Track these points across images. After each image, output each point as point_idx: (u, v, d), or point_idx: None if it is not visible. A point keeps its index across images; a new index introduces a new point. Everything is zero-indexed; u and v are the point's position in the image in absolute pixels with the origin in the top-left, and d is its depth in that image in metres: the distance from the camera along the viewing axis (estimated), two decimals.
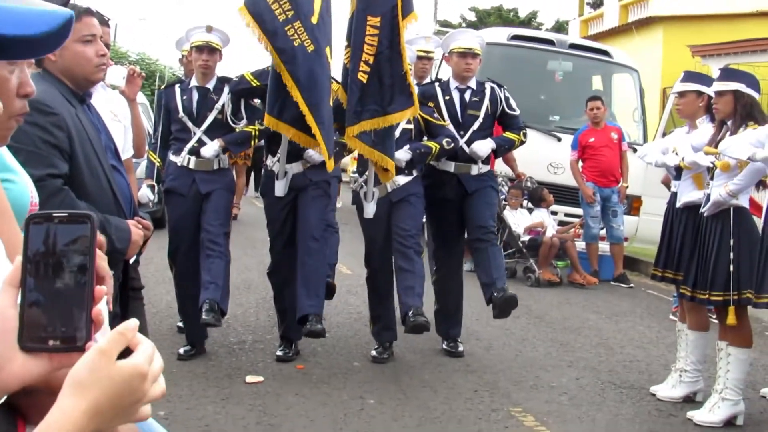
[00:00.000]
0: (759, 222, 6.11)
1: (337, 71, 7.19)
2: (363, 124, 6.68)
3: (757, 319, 6.73)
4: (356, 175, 7.47)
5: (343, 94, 6.92)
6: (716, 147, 6.20)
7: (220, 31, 6.93)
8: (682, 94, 7.01)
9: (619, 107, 14.72)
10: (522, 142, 7.76)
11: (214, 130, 6.86)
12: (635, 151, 11.66)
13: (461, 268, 8.08)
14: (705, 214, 6.30)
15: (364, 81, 6.66)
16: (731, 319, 6.11)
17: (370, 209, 7.07)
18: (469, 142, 7.39)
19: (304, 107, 6.35)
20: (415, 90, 6.95)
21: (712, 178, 6.34)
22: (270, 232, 7.28)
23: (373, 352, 7.25)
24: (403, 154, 7.06)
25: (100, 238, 1.48)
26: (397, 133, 7.08)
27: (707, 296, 6.25)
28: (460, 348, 7.63)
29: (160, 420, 2.51)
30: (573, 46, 14.34)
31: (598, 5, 33.57)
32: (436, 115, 7.40)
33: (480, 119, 7.44)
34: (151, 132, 14.75)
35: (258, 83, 6.87)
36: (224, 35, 6.99)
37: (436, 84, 7.72)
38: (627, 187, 12.39)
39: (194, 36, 6.92)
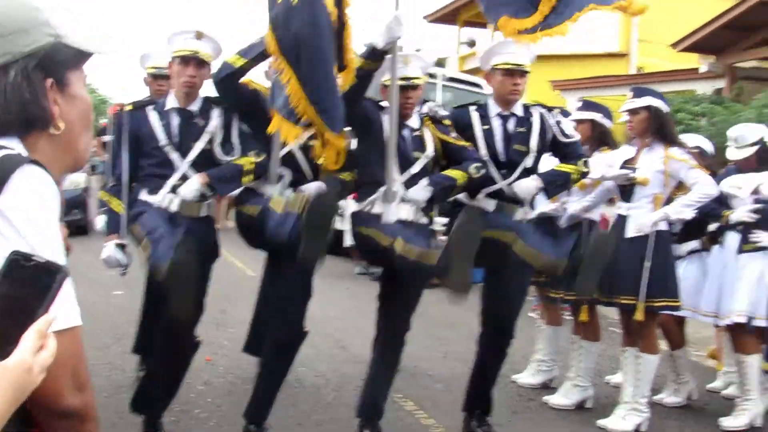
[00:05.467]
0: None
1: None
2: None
3: (604, 316, 6.89)
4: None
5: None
6: None
7: (212, 38, 4.91)
8: None
9: None
10: (582, 174, 5.44)
11: (202, 164, 4.87)
12: None
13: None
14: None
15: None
16: (584, 316, 6.26)
17: (391, 212, 4.93)
18: None
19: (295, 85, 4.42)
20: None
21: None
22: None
23: None
24: (422, 192, 5.01)
25: None
26: (415, 168, 5.09)
27: (562, 295, 6.40)
28: None
29: None
30: (451, 79, 14.51)
31: (472, 45, 33.97)
32: (454, 134, 5.25)
33: (531, 155, 5.33)
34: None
35: (244, 60, 4.71)
36: (216, 45, 4.96)
37: (472, 109, 5.43)
38: None
39: (179, 43, 4.82)
